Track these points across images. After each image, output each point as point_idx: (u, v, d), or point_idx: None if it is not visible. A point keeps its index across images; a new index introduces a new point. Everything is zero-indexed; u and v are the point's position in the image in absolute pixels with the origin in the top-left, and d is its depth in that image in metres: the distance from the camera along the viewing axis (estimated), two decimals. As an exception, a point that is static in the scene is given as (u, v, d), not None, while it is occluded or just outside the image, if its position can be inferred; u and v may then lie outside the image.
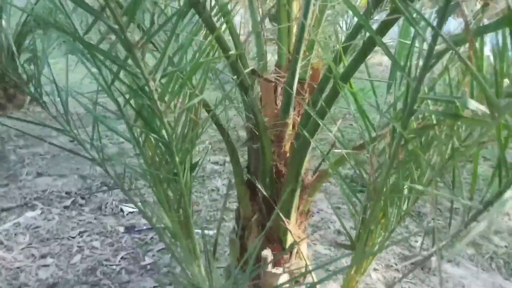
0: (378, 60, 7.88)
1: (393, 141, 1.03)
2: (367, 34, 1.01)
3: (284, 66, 1.48)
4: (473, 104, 0.69)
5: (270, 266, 1.51)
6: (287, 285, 1.46)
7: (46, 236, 2.65)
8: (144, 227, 2.79)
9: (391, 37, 1.25)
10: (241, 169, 1.56)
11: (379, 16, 1.25)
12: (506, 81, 0.75)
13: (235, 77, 1.19)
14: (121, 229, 2.77)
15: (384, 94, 1.27)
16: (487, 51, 0.79)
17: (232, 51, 1.11)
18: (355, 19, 1.51)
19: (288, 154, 1.51)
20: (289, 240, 1.58)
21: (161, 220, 1.37)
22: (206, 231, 2.76)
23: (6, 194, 3.07)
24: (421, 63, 0.79)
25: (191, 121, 1.17)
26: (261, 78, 1.38)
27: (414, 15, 0.75)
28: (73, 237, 2.66)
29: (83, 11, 0.85)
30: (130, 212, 2.99)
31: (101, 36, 0.99)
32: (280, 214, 1.49)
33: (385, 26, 0.98)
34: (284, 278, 1.52)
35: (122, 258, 2.47)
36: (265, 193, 1.51)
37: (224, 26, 1.13)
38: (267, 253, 1.55)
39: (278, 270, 1.52)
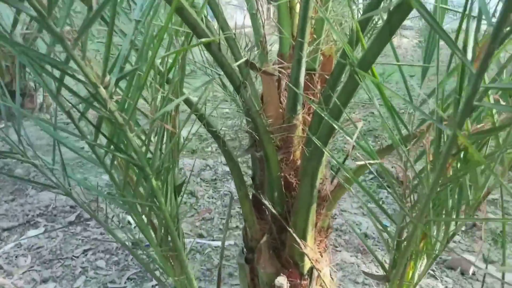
0: (396, 43, 7.43)
1: (437, 147, 0.74)
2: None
3: (288, 54, 1.21)
4: None
5: (285, 298, 1.25)
6: (307, 322, 1.20)
7: (49, 257, 2.46)
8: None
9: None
10: (243, 182, 1.30)
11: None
12: None
13: (222, 72, 0.92)
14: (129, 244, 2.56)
15: (400, 82, 0.98)
16: None
17: (214, 36, 0.84)
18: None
19: (298, 163, 1.23)
20: (308, 263, 1.31)
21: (148, 253, 1.12)
22: (218, 243, 2.52)
23: (8, 212, 2.91)
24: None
25: (168, 133, 0.91)
26: (259, 71, 1.11)
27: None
28: (77, 257, 2.47)
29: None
30: (138, 224, 2.78)
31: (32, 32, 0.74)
32: (294, 235, 1.23)
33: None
34: (303, 312, 1.26)
35: (128, 279, 2.26)
36: (274, 210, 1.24)
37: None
38: (282, 281, 1.29)
39: (296, 303, 1.26)
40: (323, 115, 0.93)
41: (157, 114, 0.82)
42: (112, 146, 0.88)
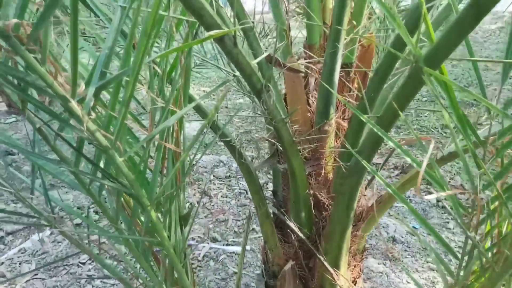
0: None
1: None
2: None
3: (318, 45, 0.98)
4: None
5: None
6: None
7: (54, 264, 2.32)
8: (163, 246, 2.40)
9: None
10: (263, 199, 1.10)
11: None
12: None
13: (237, 73, 0.71)
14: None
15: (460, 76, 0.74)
16: None
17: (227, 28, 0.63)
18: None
19: (331, 177, 1.02)
20: (340, 293, 1.11)
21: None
22: (233, 248, 2.34)
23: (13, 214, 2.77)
24: None
25: (170, 154, 0.71)
26: (283, 68, 0.89)
27: None
28: (83, 263, 2.32)
29: None
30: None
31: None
32: (325, 263, 1.02)
33: None
34: None
35: (137, 288, 2.10)
36: (300, 234, 1.04)
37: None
38: (310, 314, 1.10)
39: None
40: (370, 124, 0.71)
41: (155, 131, 0.62)
42: (99, 172, 0.68)
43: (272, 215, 1.12)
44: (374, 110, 0.86)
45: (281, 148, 0.97)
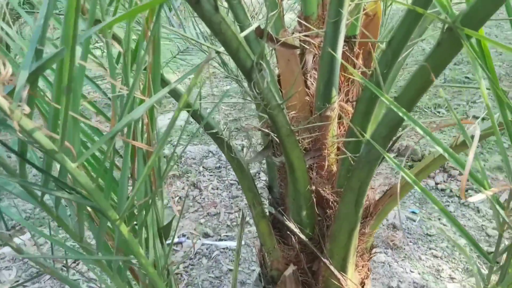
0: None
1: None
2: None
3: (315, 16, 0.84)
4: None
5: None
6: None
7: (36, 269, 2.17)
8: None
9: None
10: (257, 197, 0.96)
11: None
12: None
13: (221, 48, 0.56)
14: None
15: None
16: None
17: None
18: None
19: (336, 170, 0.89)
20: (347, 297, 0.99)
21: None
22: (227, 243, 2.21)
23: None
24: None
25: (141, 154, 0.57)
26: (276, 43, 0.74)
27: None
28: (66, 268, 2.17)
29: None
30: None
31: None
32: (331, 267, 0.90)
33: None
34: None
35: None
36: (302, 236, 0.91)
37: None
38: (315, 322, 0.98)
39: None
40: (392, 105, 0.58)
41: (115, 128, 0.47)
42: (52, 181, 0.54)
43: (269, 214, 0.99)
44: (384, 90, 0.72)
45: (276, 139, 0.83)
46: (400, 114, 0.56)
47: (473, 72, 4.40)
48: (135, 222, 0.61)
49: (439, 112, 3.72)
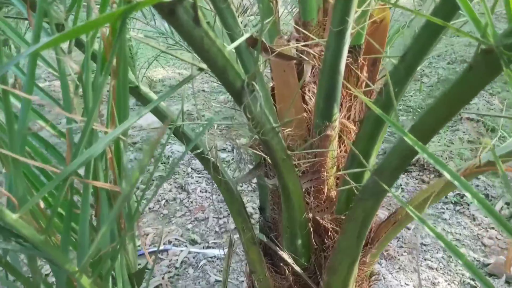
0: None
1: None
2: None
3: (315, 22, 0.74)
4: None
5: None
6: None
7: (12, 277, 2.04)
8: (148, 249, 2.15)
9: None
10: (247, 222, 0.86)
11: None
12: None
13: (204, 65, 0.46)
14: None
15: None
16: None
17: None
18: None
19: (335, 196, 0.80)
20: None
21: None
22: (214, 252, 2.12)
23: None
24: None
25: (104, 193, 0.46)
26: (271, 54, 0.64)
27: None
28: (47, 275, 2.05)
29: None
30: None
31: None
32: (328, 301, 0.81)
33: None
34: None
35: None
36: (296, 267, 0.81)
37: None
38: None
39: None
40: (404, 135, 0.48)
41: (70, 167, 0.37)
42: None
43: (259, 242, 0.89)
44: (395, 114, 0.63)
45: (268, 159, 0.73)
46: (418, 149, 0.46)
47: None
48: (100, 272, 0.50)
49: (432, 113, 3.65)
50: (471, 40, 0.41)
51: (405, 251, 2.08)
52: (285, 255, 0.81)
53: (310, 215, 0.78)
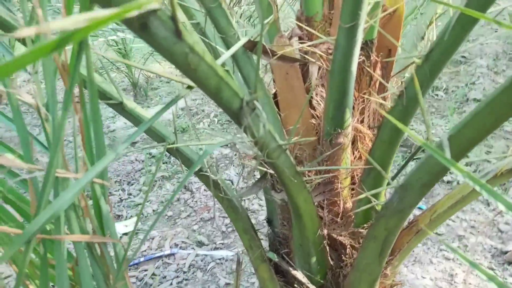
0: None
1: None
2: None
3: (320, 17, 0.65)
4: None
5: None
6: None
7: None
8: (142, 259, 2.10)
9: None
10: (255, 240, 0.79)
11: None
12: None
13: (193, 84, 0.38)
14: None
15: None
16: None
17: None
18: None
19: (351, 207, 0.72)
20: None
21: None
22: (222, 253, 2.06)
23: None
24: None
25: (81, 249, 0.39)
26: (272, 57, 0.56)
27: None
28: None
29: None
30: (124, 234, 2.30)
31: None
32: (349, 322, 0.74)
33: None
34: None
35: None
36: (312, 286, 0.74)
37: None
38: None
39: None
40: (435, 154, 0.40)
41: (32, 226, 0.29)
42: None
43: (270, 260, 0.82)
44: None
45: (276, 176, 0.65)
46: (453, 169, 0.38)
47: (469, 51, 4.20)
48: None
49: (437, 95, 3.56)
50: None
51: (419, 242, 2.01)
52: (299, 275, 0.74)
53: (325, 231, 0.70)
